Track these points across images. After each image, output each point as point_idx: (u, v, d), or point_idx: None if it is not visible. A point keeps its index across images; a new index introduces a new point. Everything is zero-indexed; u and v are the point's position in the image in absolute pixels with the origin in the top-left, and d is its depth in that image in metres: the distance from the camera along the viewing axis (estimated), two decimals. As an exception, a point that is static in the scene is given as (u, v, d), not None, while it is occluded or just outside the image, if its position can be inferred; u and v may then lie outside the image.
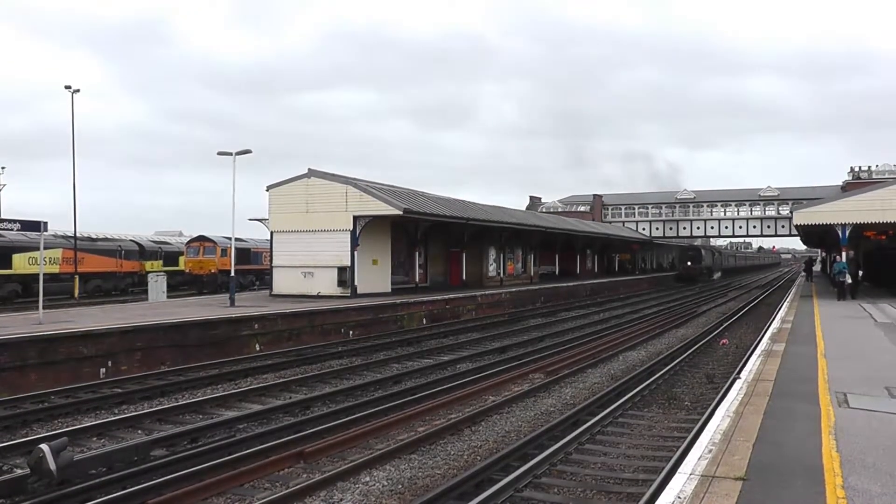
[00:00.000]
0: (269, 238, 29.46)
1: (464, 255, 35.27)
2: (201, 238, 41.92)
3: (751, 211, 62.84)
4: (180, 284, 39.94)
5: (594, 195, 68.59)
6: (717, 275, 71.88)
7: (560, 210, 66.91)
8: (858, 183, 51.84)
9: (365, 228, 26.93)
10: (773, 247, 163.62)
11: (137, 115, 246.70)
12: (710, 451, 6.18)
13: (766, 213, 61.99)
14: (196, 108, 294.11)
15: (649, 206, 66.30)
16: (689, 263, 64.47)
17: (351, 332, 21.80)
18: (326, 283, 26.87)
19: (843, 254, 29.43)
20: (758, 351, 13.18)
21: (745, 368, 11.33)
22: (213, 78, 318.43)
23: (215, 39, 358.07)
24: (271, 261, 29.19)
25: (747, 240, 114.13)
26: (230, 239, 27.12)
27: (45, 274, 20.84)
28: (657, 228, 65.55)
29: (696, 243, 73.42)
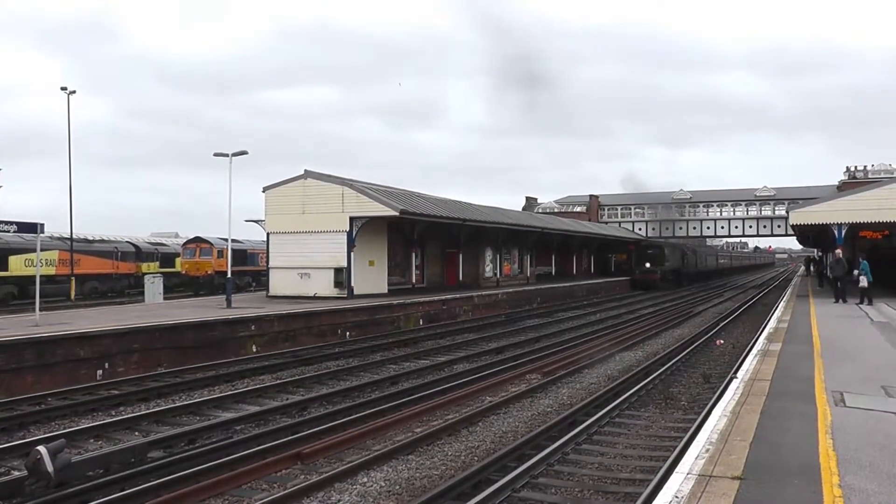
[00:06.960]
0: (265, 239, 29.45)
1: (460, 255, 35.28)
2: (198, 239, 41.84)
3: (747, 211, 62.90)
4: (177, 286, 39.86)
5: (590, 195, 68.55)
6: (684, 282, 57.08)
7: (556, 210, 66.92)
8: (854, 183, 51.94)
9: (361, 229, 26.92)
10: (769, 246, 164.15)
11: (101, 114, 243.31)
12: (708, 450, 6.19)
13: (762, 213, 62.10)
14: (158, 106, 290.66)
15: (645, 207, 66.31)
16: (647, 265, 51.41)
17: (348, 334, 21.79)
18: (323, 285, 26.85)
19: (840, 252, 29.44)
20: (754, 351, 13.19)
21: (741, 368, 11.34)
22: (170, 76, 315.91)
23: (165, 36, 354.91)
24: (268, 262, 29.17)
25: (743, 240, 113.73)
26: (226, 240, 27.11)
27: (41, 276, 20.79)
28: (653, 229, 65.52)
29: (695, 243, 71.60)
